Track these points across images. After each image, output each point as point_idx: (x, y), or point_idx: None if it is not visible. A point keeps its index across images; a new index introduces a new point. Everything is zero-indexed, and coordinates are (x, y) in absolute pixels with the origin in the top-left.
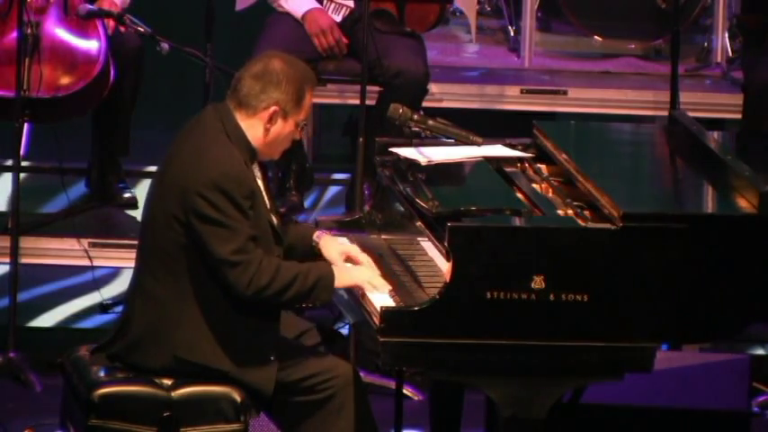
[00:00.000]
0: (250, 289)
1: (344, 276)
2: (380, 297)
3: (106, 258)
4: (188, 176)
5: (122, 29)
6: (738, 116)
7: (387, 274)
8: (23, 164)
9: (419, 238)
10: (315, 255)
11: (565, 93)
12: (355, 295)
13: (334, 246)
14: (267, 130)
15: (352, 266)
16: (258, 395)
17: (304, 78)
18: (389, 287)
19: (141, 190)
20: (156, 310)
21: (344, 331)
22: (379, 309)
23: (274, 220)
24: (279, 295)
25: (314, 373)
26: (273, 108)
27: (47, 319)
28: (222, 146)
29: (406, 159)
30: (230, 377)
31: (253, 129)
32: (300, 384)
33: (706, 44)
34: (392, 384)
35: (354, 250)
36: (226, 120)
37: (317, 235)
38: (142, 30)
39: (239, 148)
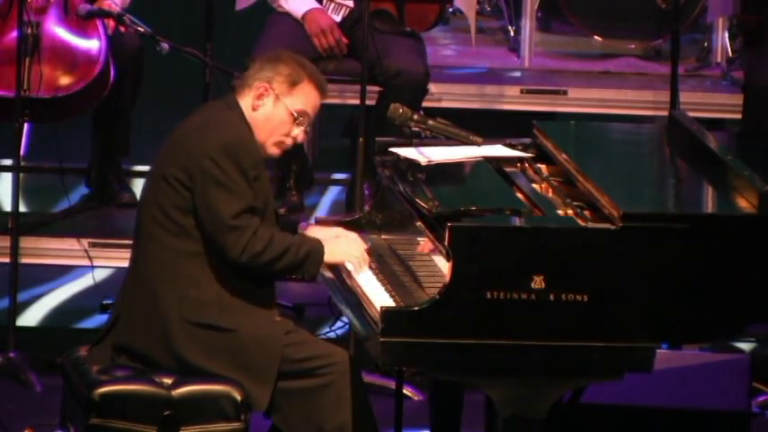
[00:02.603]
0: (244, 255)
1: (334, 251)
2: (380, 297)
3: (106, 258)
4: (196, 142)
5: (122, 29)
6: (738, 116)
7: (386, 273)
8: (23, 164)
9: (419, 238)
10: None
11: (565, 93)
12: (355, 296)
13: (322, 233)
14: (255, 108)
15: (341, 242)
16: (264, 365)
17: (305, 69)
18: (371, 268)
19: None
20: (158, 279)
21: (344, 331)
22: (379, 309)
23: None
24: (271, 264)
25: (315, 356)
26: (263, 85)
27: (47, 319)
28: (229, 118)
29: (406, 159)
30: (238, 338)
31: (246, 108)
32: (300, 365)
33: (706, 44)
34: (392, 384)
35: (343, 232)
36: (228, 101)
37: (302, 226)
38: (142, 30)
39: (244, 123)
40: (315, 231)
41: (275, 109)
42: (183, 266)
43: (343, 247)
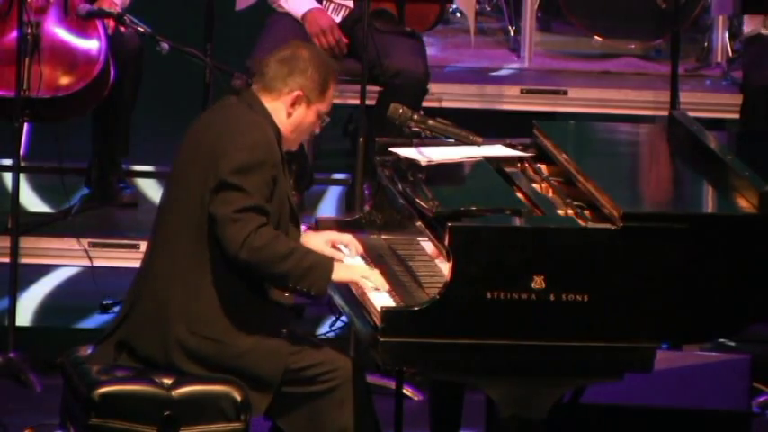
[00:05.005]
0: (243, 249)
1: (343, 270)
2: (380, 297)
3: (106, 258)
4: (219, 145)
5: (122, 29)
6: (738, 116)
7: (386, 273)
8: (23, 164)
9: (419, 238)
10: None
11: (565, 93)
12: (355, 296)
13: (317, 237)
14: (290, 115)
15: (351, 263)
16: (265, 380)
17: (329, 70)
18: (387, 286)
19: (141, 190)
20: (171, 285)
21: (344, 331)
22: (379, 309)
23: (294, 199)
24: (272, 264)
25: (317, 363)
26: (297, 92)
27: (47, 319)
28: (252, 118)
29: (406, 159)
30: (240, 353)
31: (277, 112)
32: (303, 373)
33: (706, 44)
34: (392, 384)
35: (336, 235)
36: (252, 102)
37: (304, 234)
38: (142, 30)
39: (267, 124)
40: (311, 236)
41: (307, 114)
42: (193, 277)
43: (354, 268)
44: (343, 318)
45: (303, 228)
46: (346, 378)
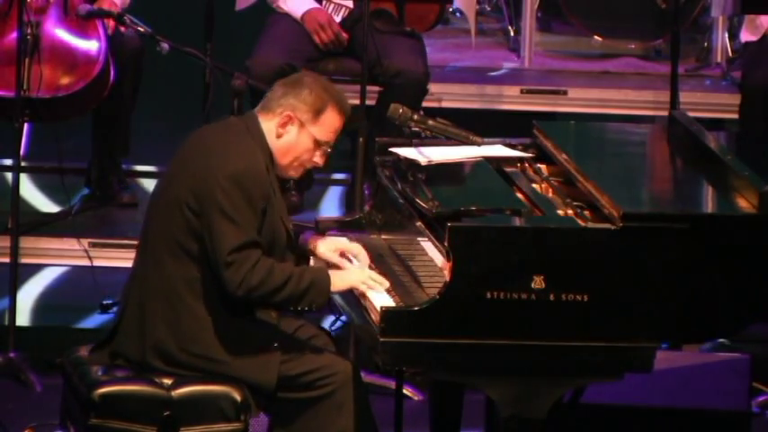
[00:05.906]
0: (241, 288)
1: (340, 279)
2: (380, 297)
3: (106, 258)
4: (209, 166)
5: (122, 29)
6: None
7: (386, 273)
8: (23, 164)
9: (419, 238)
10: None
11: (565, 93)
12: (355, 296)
13: (325, 245)
14: (279, 136)
15: (347, 270)
16: (260, 389)
17: (330, 96)
18: (387, 284)
19: (141, 190)
20: (152, 295)
21: (344, 330)
22: (379, 309)
23: (290, 226)
24: (271, 296)
25: (314, 369)
26: (287, 113)
27: (47, 319)
28: (246, 144)
29: (406, 159)
30: (232, 368)
31: (269, 133)
32: (300, 379)
33: (706, 44)
34: (392, 384)
35: (346, 244)
36: (250, 124)
37: (303, 238)
38: (142, 30)
39: (260, 150)
40: (321, 243)
41: (300, 137)
42: (181, 294)
43: (351, 275)
44: (343, 318)
45: (310, 234)
46: (345, 382)
